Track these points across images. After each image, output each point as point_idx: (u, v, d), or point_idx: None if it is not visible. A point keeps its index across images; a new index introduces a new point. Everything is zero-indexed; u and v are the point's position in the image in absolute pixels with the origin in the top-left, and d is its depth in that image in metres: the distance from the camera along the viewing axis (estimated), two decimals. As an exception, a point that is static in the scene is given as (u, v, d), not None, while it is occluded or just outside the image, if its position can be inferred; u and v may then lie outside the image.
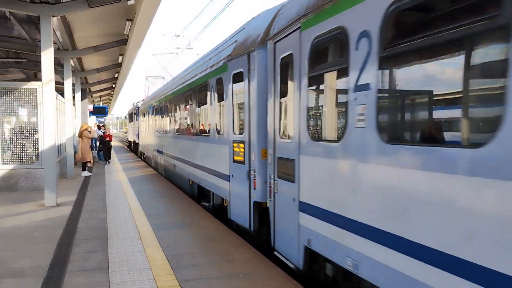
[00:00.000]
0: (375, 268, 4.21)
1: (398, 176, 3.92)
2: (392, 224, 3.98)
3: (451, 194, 3.35)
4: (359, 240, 4.44)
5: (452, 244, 3.33)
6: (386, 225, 4.05)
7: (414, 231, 3.69)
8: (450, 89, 3.78)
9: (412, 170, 3.74)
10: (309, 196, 5.58)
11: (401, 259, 3.83)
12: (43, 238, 8.01)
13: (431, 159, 3.53)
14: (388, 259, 3.99)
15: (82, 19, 14.45)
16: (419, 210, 3.65)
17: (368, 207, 4.33)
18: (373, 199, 4.25)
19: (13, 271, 6.20)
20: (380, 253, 4.12)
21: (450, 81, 3.73)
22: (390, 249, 3.97)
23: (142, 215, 10.01)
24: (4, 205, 11.23)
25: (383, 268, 4.07)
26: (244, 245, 7.51)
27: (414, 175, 3.71)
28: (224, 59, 9.11)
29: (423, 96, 4.15)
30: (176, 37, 35.09)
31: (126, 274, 6.01)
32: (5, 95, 13.71)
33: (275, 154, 6.65)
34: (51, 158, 11.50)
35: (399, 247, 3.86)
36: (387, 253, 4.01)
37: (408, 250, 3.75)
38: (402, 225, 3.85)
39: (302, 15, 5.68)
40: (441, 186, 3.43)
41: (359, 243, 4.44)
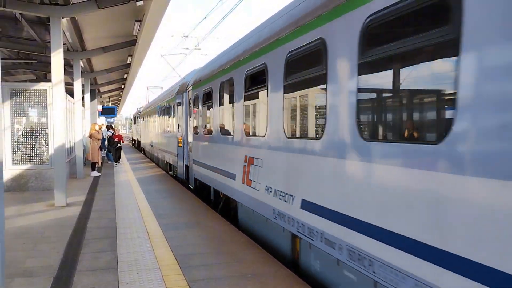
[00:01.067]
0: (218, 184, 10.75)
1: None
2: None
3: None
4: (212, 173, 11.25)
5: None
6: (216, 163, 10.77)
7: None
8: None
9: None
10: (196, 157, 13.42)
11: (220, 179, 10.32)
12: (53, 238, 8.06)
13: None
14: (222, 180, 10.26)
15: (92, 20, 14.53)
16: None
17: (214, 159, 11.09)
18: (214, 153, 11.28)
19: (24, 270, 6.24)
20: (218, 178, 10.63)
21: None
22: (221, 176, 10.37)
23: (151, 215, 10.05)
24: (14, 205, 11.31)
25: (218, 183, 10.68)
26: (254, 245, 7.50)
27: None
28: (175, 93, 17.73)
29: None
30: (185, 37, 35.17)
31: (135, 274, 6.04)
32: (15, 96, 13.81)
33: (188, 141, 15.02)
34: (61, 158, 11.57)
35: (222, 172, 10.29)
36: (220, 178, 10.47)
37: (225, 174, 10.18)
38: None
39: (191, 84, 14.35)
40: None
41: (212, 174, 11.22)
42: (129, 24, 15.05)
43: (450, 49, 3.47)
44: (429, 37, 3.73)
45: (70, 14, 12.06)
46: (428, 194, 3.66)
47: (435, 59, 4.06)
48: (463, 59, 3.32)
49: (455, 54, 3.40)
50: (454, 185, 3.39)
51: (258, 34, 7.97)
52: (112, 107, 41.67)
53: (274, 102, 6.86)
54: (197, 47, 34.32)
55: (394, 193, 4.08)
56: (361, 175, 4.64)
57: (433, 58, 4.05)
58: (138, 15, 14.05)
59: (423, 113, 4.57)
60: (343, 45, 4.93)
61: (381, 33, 4.45)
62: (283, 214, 6.59)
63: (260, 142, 7.64)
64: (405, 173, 3.94)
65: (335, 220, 5.08)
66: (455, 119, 3.39)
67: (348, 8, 4.82)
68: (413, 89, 4.47)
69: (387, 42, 4.24)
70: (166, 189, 14.54)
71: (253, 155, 7.96)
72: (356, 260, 4.67)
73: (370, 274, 4.42)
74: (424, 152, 3.71)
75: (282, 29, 6.69)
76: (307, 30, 5.79)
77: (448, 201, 3.47)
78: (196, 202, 11.90)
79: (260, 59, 7.51)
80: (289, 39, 6.31)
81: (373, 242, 4.35)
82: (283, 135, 6.59)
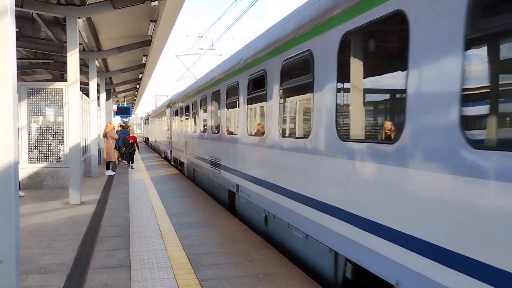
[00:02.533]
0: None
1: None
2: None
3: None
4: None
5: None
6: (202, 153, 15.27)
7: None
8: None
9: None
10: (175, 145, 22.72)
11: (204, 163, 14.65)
12: (68, 236, 8.14)
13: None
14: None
15: (107, 21, 14.65)
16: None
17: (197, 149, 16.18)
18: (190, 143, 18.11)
19: (38, 267, 6.32)
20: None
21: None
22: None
23: (164, 214, 10.09)
24: (30, 203, 11.46)
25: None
26: (266, 245, 7.49)
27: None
28: (166, 106, 26.85)
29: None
30: (199, 38, 35.30)
31: (147, 272, 6.07)
32: (32, 95, 13.99)
33: (172, 137, 24.00)
34: (76, 157, 11.68)
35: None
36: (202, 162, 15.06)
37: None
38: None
39: (172, 101, 24.16)
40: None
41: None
42: (144, 24, 15.15)
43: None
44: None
45: (86, 14, 12.17)
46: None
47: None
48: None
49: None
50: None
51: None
52: (127, 106, 41.97)
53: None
54: (211, 47, 34.43)
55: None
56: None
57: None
58: (153, 15, 14.14)
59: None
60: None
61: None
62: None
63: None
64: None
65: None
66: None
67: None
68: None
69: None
70: (180, 188, 14.60)
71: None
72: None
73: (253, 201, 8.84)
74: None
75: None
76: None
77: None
78: (210, 202, 11.92)
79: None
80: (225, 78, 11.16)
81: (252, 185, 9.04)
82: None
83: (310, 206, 5.99)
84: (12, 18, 4.78)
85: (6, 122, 4.76)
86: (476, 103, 3.51)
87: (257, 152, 8.40)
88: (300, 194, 6.31)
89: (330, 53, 5.46)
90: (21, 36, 15.77)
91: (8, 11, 4.69)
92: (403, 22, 4.07)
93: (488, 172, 3.18)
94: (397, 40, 4.62)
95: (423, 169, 3.82)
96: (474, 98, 3.49)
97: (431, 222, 3.74)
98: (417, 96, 3.92)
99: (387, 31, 4.76)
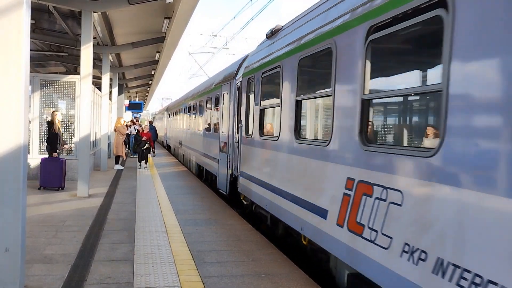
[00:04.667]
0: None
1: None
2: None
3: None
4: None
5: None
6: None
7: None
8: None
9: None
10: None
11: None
12: (74, 227, 8.22)
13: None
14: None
15: (122, 16, 14.76)
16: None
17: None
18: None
19: (43, 257, 6.38)
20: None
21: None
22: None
23: (170, 210, 10.14)
24: (39, 194, 11.57)
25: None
26: (270, 245, 7.51)
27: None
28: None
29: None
30: (213, 36, 35.38)
31: (150, 267, 6.11)
32: (45, 87, 14.12)
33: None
34: (85, 150, 11.77)
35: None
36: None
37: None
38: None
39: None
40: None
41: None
42: (159, 20, 15.24)
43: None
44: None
45: (101, 8, 12.27)
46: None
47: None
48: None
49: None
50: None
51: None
52: (139, 102, 42.17)
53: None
54: (225, 46, 34.50)
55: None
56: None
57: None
58: (168, 12, 14.22)
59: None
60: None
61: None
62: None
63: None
64: None
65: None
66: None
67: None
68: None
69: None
70: (187, 185, 14.65)
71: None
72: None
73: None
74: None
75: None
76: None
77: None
78: (216, 200, 11.96)
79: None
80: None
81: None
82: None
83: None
84: (27, 9, 4.85)
85: (18, 113, 4.82)
86: None
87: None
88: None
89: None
90: (36, 28, 15.93)
91: (24, 2, 4.75)
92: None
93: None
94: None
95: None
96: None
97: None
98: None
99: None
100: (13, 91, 4.80)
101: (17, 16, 4.75)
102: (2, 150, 4.79)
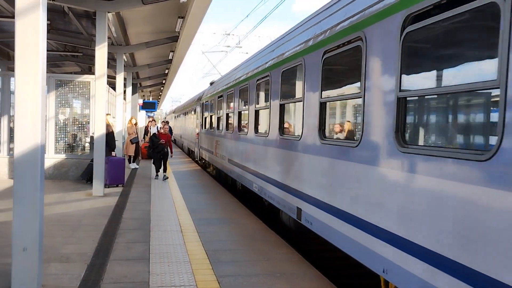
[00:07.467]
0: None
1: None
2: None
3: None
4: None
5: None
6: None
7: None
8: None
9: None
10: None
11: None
12: (90, 226, 8.28)
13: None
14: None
15: (136, 16, 14.83)
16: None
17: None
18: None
19: (60, 256, 6.44)
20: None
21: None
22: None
23: (185, 209, 10.17)
24: (55, 193, 11.68)
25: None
26: (284, 245, 7.49)
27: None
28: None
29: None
30: (226, 35, 35.41)
31: (166, 266, 6.13)
32: (60, 87, 14.25)
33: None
34: (100, 149, 11.85)
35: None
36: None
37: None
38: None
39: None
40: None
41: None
42: (172, 20, 15.27)
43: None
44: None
45: (115, 9, 12.34)
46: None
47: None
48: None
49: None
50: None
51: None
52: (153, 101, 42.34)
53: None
54: (238, 45, 34.50)
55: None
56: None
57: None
58: (181, 12, 14.24)
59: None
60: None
61: None
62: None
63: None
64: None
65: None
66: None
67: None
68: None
69: None
70: (202, 184, 14.69)
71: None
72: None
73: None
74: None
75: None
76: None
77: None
78: (230, 198, 11.97)
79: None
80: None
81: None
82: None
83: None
84: (44, 11, 4.89)
85: (35, 113, 4.87)
86: None
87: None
88: None
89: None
90: (52, 28, 16.07)
91: (40, 4, 4.79)
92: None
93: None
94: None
95: None
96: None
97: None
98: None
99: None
100: (31, 91, 4.85)
101: (34, 17, 4.79)
102: (20, 150, 4.84)
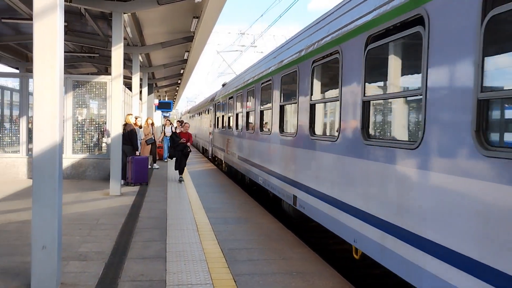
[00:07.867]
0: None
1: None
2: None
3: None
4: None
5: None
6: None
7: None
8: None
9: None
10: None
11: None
12: (107, 225, 8.37)
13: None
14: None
15: (151, 16, 14.92)
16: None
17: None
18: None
19: (78, 254, 6.52)
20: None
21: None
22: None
23: (201, 208, 10.22)
24: (73, 192, 11.82)
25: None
26: (301, 244, 7.48)
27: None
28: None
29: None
30: (241, 35, 35.48)
31: (182, 264, 6.17)
32: (77, 88, 14.41)
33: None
34: (117, 149, 11.96)
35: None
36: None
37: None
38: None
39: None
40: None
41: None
42: (187, 20, 15.33)
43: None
44: None
45: (131, 10, 12.44)
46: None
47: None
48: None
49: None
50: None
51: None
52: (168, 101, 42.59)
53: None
54: (253, 44, 34.53)
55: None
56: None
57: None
58: (196, 12, 14.29)
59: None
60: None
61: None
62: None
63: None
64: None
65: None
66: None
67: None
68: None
69: None
70: (217, 183, 14.74)
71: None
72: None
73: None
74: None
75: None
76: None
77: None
78: (246, 198, 11.99)
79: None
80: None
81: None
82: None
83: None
84: (61, 12, 4.95)
85: (53, 113, 4.93)
86: None
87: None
88: None
89: None
90: (69, 30, 16.26)
91: (58, 6, 4.85)
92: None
93: None
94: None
95: None
96: None
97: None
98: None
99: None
100: (49, 93, 4.92)
101: (52, 19, 4.86)
102: (38, 150, 4.92)
